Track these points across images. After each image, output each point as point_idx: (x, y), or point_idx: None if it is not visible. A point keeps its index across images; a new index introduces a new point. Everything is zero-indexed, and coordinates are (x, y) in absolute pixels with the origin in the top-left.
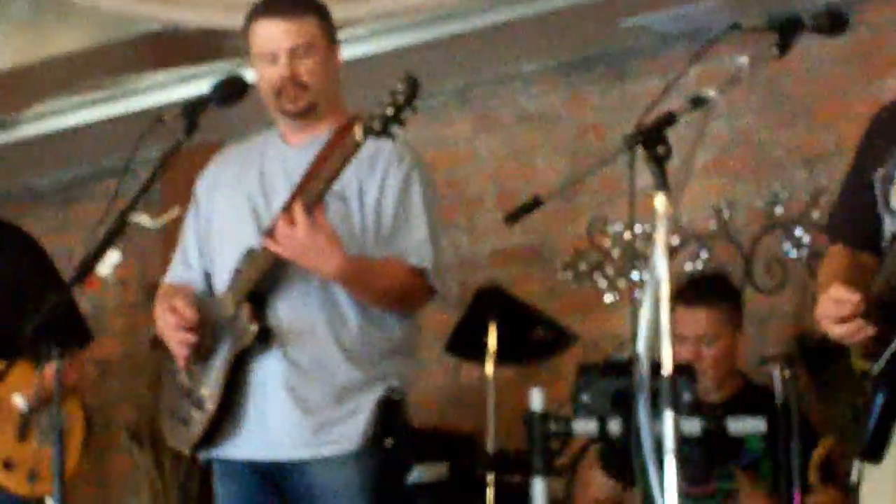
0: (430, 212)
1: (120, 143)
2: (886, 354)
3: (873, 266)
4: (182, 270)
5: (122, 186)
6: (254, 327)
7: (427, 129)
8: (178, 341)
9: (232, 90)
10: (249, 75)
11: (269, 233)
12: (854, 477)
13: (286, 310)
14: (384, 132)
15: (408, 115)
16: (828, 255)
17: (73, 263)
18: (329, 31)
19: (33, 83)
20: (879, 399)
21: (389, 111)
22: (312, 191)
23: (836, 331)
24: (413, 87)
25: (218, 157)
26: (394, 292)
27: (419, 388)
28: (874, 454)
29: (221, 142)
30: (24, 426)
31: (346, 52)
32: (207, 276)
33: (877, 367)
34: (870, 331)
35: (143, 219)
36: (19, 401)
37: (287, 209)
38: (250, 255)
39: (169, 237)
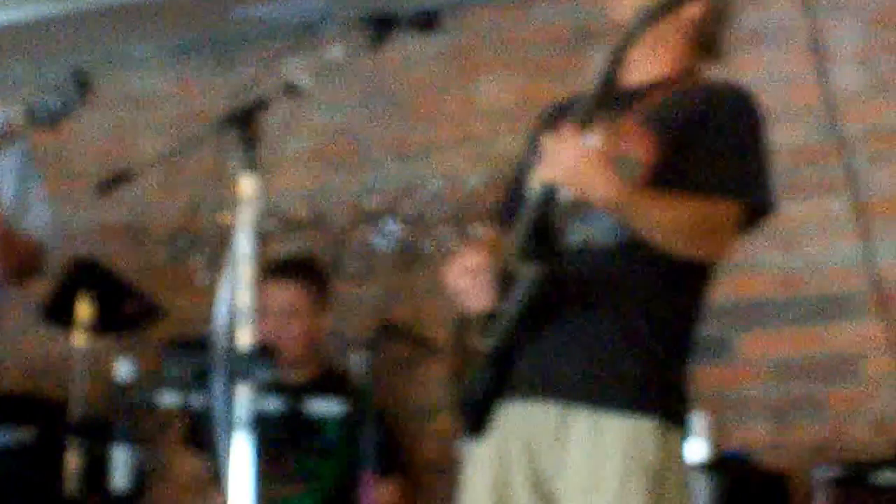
0: (44, 190)
1: None
2: (496, 333)
3: None
4: None
5: None
6: None
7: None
8: None
9: None
10: None
11: None
12: (461, 454)
13: None
14: (50, 124)
15: (77, 111)
16: (483, 232)
17: None
18: None
19: None
20: (488, 373)
21: (57, 105)
22: None
23: (459, 284)
24: (84, 86)
25: None
26: (28, 263)
27: (11, 355)
28: (476, 427)
29: None
30: None
31: None
32: None
33: (488, 342)
34: (488, 296)
35: None
36: None
37: None
38: None
39: None
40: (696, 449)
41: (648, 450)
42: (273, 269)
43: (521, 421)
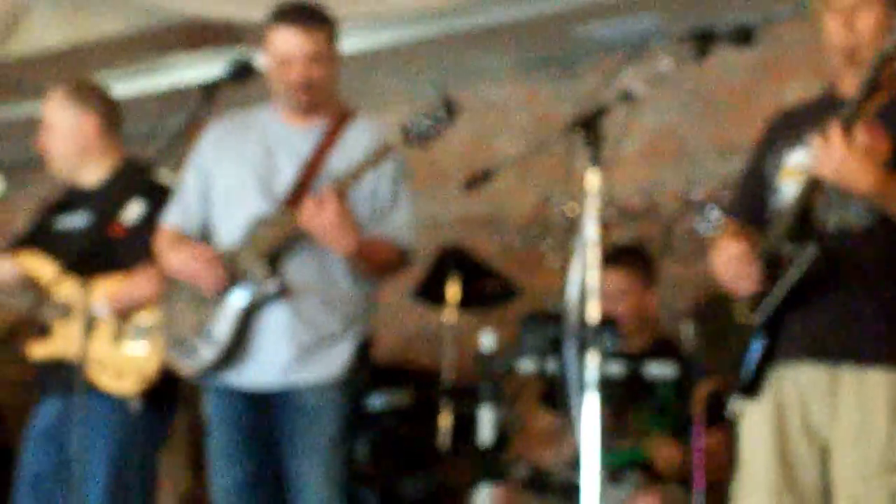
0: (409, 196)
1: (149, 115)
2: (768, 307)
3: (756, 233)
4: (179, 216)
5: (154, 150)
6: (275, 282)
7: (407, 113)
8: (210, 275)
9: (240, 73)
10: (258, 60)
11: (292, 202)
12: (733, 411)
13: (293, 269)
14: (420, 143)
15: (445, 132)
16: (723, 224)
17: None
18: (335, 39)
19: (78, 61)
20: (759, 344)
21: (428, 127)
22: (342, 180)
23: (730, 270)
24: (452, 110)
25: (220, 124)
26: (383, 268)
27: (391, 329)
28: (753, 390)
29: None
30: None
31: (341, 46)
32: (202, 226)
33: (759, 318)
34: (755, 278)
35: (162, 172)
36: (99, 307)
37: (317, 193)
38: (267, 219)
39: None
40: None
41: None
42: (606, 257)
43: (794, 379)
